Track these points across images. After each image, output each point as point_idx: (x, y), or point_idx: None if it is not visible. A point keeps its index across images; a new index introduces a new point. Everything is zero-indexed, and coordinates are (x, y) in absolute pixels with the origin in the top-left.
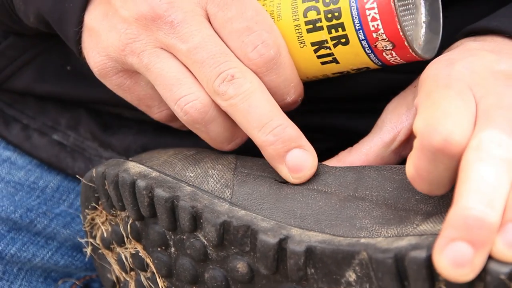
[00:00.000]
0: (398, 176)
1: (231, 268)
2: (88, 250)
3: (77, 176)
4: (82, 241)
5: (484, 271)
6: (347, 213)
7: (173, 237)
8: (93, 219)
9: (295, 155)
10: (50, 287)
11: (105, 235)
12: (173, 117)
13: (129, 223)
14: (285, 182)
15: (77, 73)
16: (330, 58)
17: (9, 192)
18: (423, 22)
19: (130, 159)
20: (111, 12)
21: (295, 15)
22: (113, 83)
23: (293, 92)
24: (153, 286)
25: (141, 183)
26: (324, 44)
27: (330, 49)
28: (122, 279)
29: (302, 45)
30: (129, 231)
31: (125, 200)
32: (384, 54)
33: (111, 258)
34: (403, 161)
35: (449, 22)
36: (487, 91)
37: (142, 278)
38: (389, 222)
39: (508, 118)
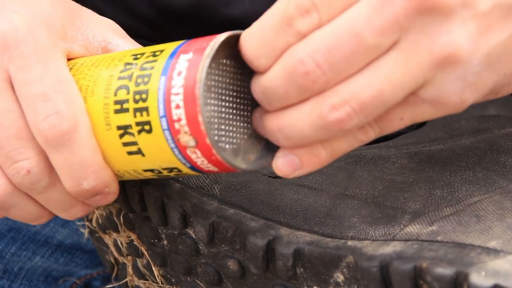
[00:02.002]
0: (388, 176)
1: (222, 265)
2: (86, 232)
3: None
4: (79, 224)
5: (467, 285)
6: (336, 211)
7: (165, 231)
8: None
9: None
10: (50, 286)
11: (100, 221)
12: None
13: (122, 214)
14: (275, 177)
15: None
16: (135, 148)
17: None
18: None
19: None
20: None
21: (107, 93)
22: None
23: (93, 179)
24: (148, 273)
25: (130, 181)
26: (129, 129)
27: (134, 136)
28: (120, 261)
29: (108, 127)
30: (122, 221)
31: None
32: (188, 151)
33: (108, 240)
34: None
35: None
36: None
37: (139, 264)
38: (377, 222)
39: None
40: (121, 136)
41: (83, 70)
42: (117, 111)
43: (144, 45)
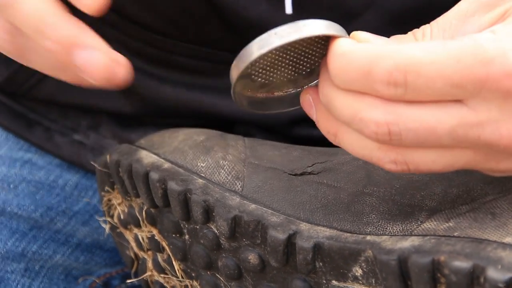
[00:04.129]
0: (405, 175)
1: (243, 259)
2: (107, 227)
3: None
4: (100, 219)
5: (484, 278)
6: (355, 207)
7: (187, 226)
8: (109, 200)
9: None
10: (70, 284)
11: (121, 216)
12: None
13: (144, 209)
14: (294, 174)
15: None
16: None
17: (30, 192)
18: None
19: (142, 144)
20: None
21: None
22: None
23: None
24: (169, 268)
25: (154, 175)
26: None
27: None
28: (140, 256)
29: None
30: (144, 216)
31: (139, 189)
32: None
33: (128, 236)
34: None
35: None
36: None
37: (159, 259)
38: (395, 218)
39: None
40: None
41: None
42: None
43: (163, 42)
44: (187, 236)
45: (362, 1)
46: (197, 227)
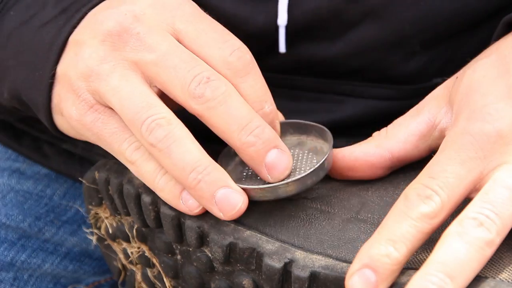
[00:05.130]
0: None
1: (237, 283)
2: (94, 239)
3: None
4: (87, 231)
5: None
6: (349, 234)
7: (179, 247)
8: (97, 213)
9: (274, 155)
10: None
11: (110, 230)
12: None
13: (135, 227)
14: (288, 199)
15: None
16: None
17: (19, 201)
18: None
19: None
20: (78, 47)
21: None
22: (88, 119)
23: (270, 102)
24: (159, 284)
25: (146, 198)
26: None
27: None
28: (128, 268)
29: None
30: (134, 234)
31: (130, 210)
32: None
33: (116, 248)
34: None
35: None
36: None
37: (149, 273)
38: None
39: (505, 198)
40: None
41: None
42: None
43: None
44: (179, 256)
45: (361, 10)
46: (190, 249)
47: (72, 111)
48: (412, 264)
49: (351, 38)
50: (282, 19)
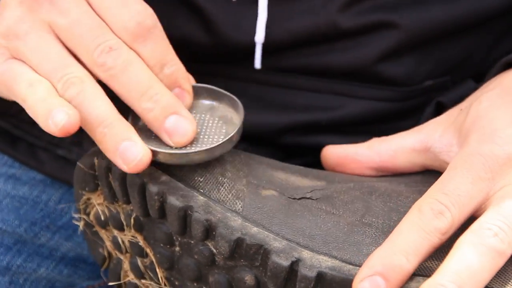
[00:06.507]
0: (403, 209)
1: (238, 278)
2: (81, 224)
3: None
4: (76, 215)
5: None
6: (354, 237)
7: (179, 239)
8: (89, 198)
9: (173, 121)
10: None
11: (101, 217)
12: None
13: (133, 216)
14: (293, 198)
15: None
16: None
17: (14, 207)
18: None
19: None
20: (2, 8)
21: None
22: (1, 69)
23: (172, 64)
24: (150, 274)
25: (152, 188)
26: None
27: None
28: (114, 255)
29: None
30: (131, 223)
31: (132, 198)
32: None
33: (104, 235)
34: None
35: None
36: None
37: (139, 263)
38: None
39: None
40: None
41: None
42: None
43: None
44: (177, 248)
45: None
46: (192, 242)
47: None
48: (418, 270)
49: (332, 57)
50: (260, 36)
